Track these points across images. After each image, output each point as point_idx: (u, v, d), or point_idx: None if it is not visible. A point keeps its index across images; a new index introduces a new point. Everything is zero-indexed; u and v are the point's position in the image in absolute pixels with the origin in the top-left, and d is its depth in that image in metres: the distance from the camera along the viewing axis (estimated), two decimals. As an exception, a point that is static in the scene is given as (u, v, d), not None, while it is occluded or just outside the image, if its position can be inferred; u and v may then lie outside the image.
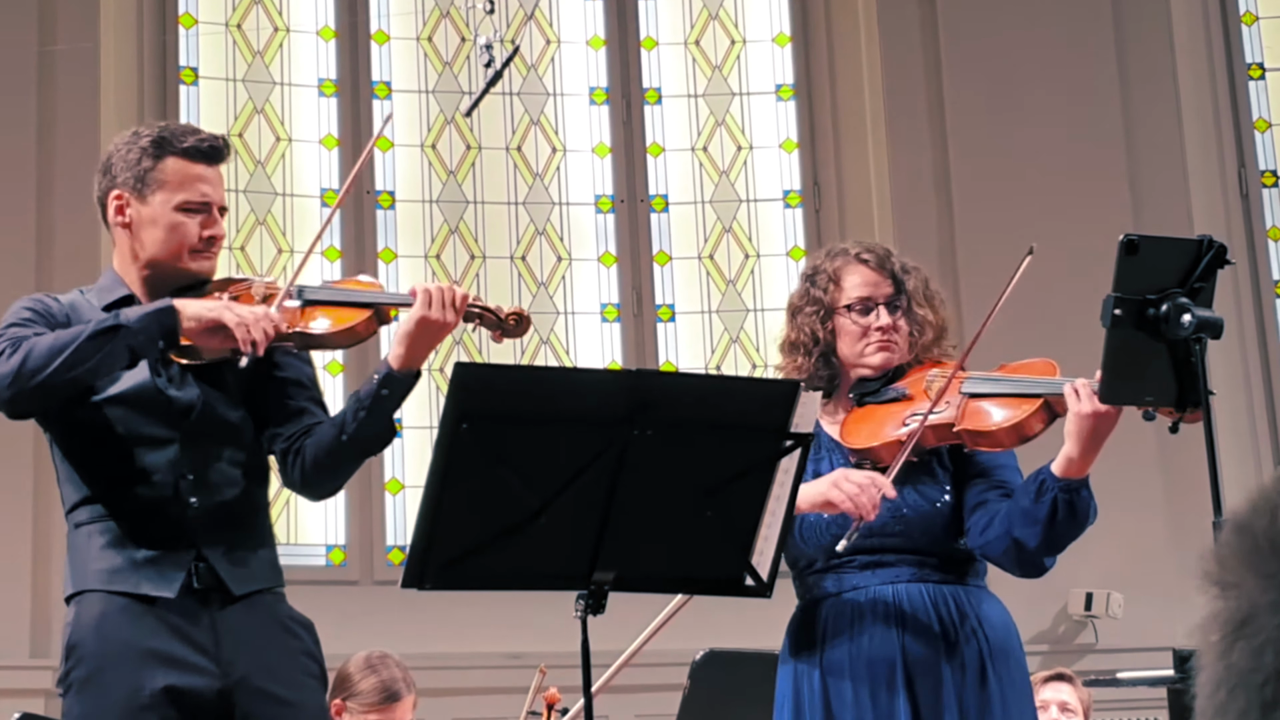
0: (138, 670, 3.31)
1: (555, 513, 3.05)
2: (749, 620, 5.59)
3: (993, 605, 3.65)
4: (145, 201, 3.48)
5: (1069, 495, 3.42)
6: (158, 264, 3.49)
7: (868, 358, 3.68)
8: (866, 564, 3.59)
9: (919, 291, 3.75)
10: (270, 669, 3.37)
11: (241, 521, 3.44)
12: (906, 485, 3.59)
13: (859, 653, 3.53)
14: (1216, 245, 3.39)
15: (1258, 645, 1.21)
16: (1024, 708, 3.58)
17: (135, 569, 3.36)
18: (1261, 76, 8.44)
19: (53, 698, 6.87)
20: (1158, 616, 6.96)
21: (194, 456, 3.41)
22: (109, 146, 3.63)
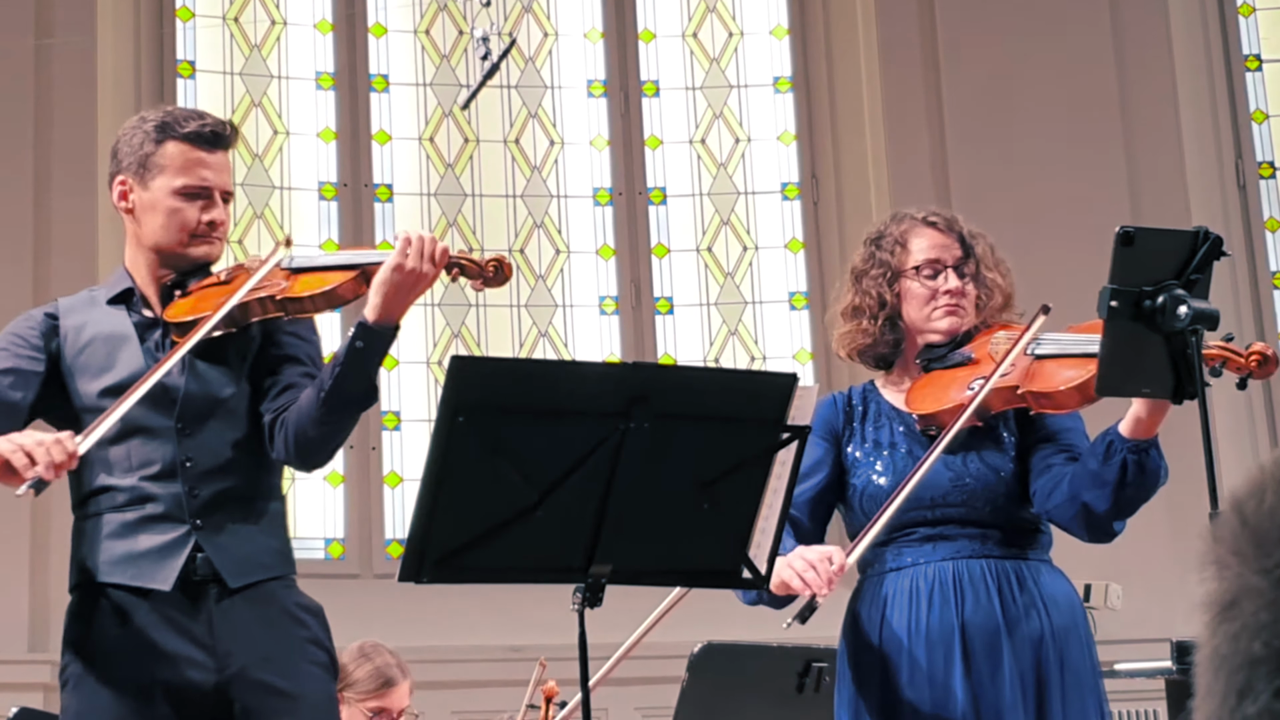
0: (133, 665, 3.31)
1: (553, 505, 3.05)
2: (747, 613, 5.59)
3: (1056, 580, 3.62)
4: (146, 186, 3.45)
5: (1138, 455, 3.38)
6: (160, 250, 3.47)
7: (935, 322, 3.63)
8: (928, 537, 3.55)
9: (987, 255, 3.70)
10: (270, 659, 3.36)
11: (244, 509, 3.42)
12: (971, 453, 3.55)
13: (918, 628, 3.50)
14: (1213, 237, 3.39)
15: (1236, 630, 1.21)
16: (1085, 685, 3.55)
17: (132, 561, 3.35)
18: (1259, 68, 8.43)
19: (51, 692, 6.88)
20: (1156, 608, 6.96)
21: (192, 444, 3.39)
22: (121, 130, 3.58)
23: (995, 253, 3.75)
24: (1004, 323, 3.68)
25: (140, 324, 3.48)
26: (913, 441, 3.61)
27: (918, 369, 3.68)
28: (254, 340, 3.49)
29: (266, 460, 3.48)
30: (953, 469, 3.50)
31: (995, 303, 3.69)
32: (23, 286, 7.25)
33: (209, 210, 3.46)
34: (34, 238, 7.33)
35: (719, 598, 3.75)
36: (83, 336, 3.47)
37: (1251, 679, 1.19)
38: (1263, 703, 1.18)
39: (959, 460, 3.54)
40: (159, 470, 3.39)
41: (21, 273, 7.27)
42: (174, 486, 3.38)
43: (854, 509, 3.63)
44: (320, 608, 3.53)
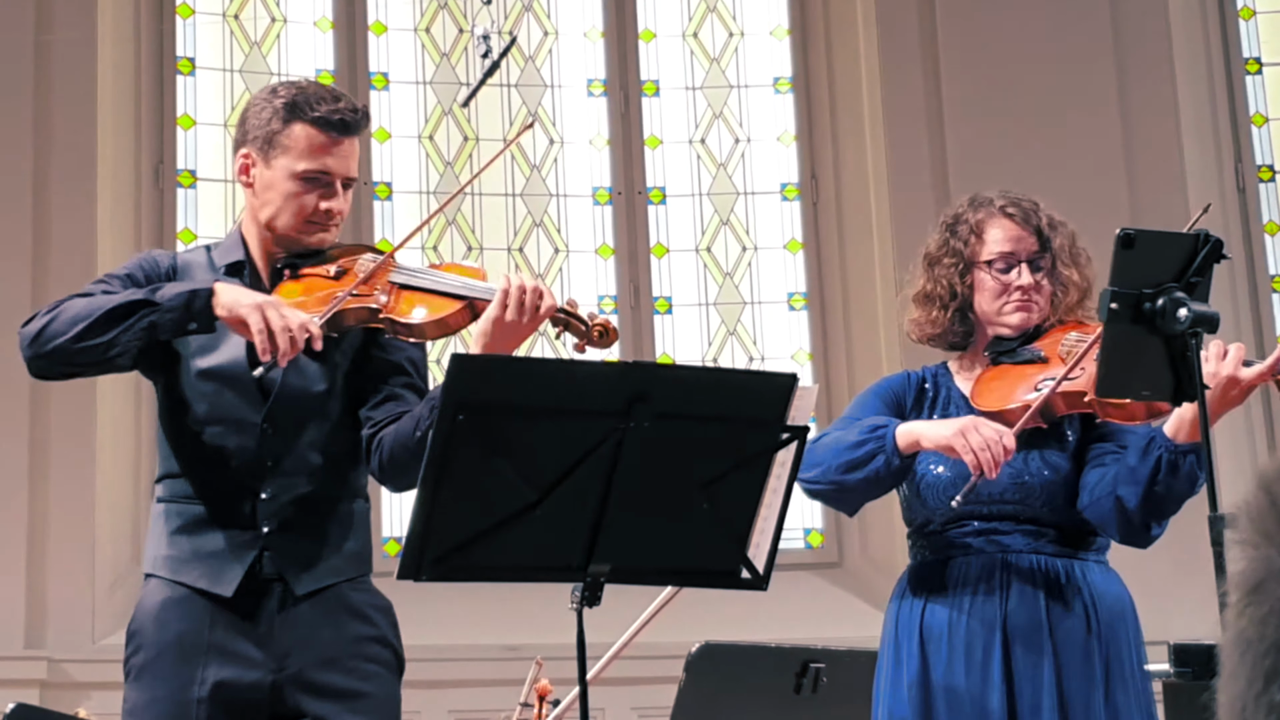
0: (192, 663, 3.31)
1: (552, 504, 3.04)
2: (745, 613, 5.60)
3: (1108, 580, 3.60)
4: (269, 164, 3.40)
5: (1174, 456, 3.38)
6: (274, 229, 3.43)
7: (1006, 316, 3.61)
8: (982, 530, 3.54)
9: (1065, 250, 3.67)
10: (331, 661, 3.34)
11: (322, 512, 3.38)
12: (1032, 450, 3.54)
13: (960, 616, 3.49)
14: (1213, 240, 3.39)
15: (1264, 613, 1.20)
16: (1130, 686, 3.54)
17: (199, 560, 3.34)
18: (1259, 71, 8.43)
19: (47, 688, 6.88)
20: (1154, 611, 6.95)
21: (277, 443, 3.36)
22: (251, 98, 3.52)
23: (1076, 243, 3.71)
24: (1078, 320, 3.65)
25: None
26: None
27: (986, 360, 3.65)
28: (357, 339, 3.44)
29: (352, 458, 3.43)
30: (1013, 465, 3.49)
31: (1070, 299, 3.66)
32: (21, 283, 7.24)
33: (328, 198, 3.41)
34: (33, 234, 7.32)
35: (716, 598, 3.75)
36: None
37: (1279, 664, 1.18)
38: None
39: (1020, 458, 3.52)
40: (240, 466, 3.36)
41: (20, 269, 7.27)
42: (249, 488, 3.35)
43: (912, 494, 3.62)
44: (389, 605, 3.50)
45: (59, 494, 7.14)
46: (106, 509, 7.27)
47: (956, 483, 3.49)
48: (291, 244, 3.44)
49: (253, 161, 3.43)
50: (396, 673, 3.48)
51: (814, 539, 7.89)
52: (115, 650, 7.12)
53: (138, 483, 7.43)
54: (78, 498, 7.16)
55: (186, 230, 7.79)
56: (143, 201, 7.73)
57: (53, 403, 7.18)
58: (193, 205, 7.85)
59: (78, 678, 7.00)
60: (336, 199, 3.43)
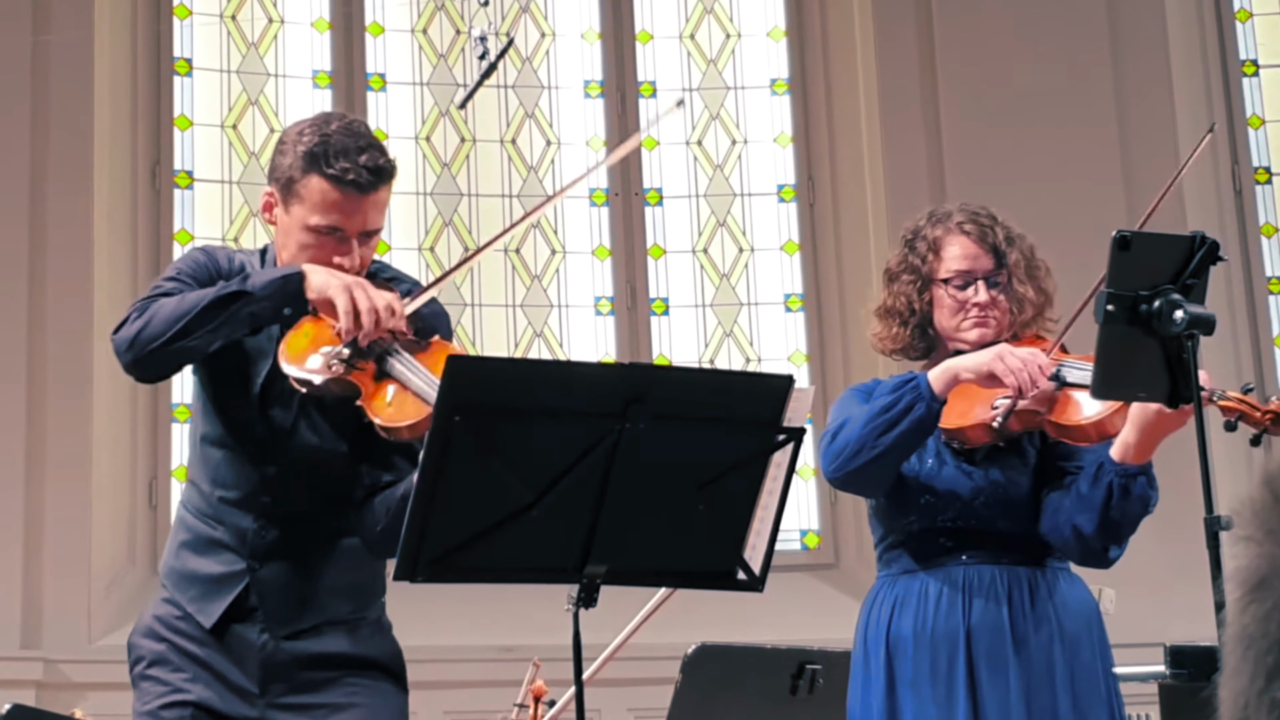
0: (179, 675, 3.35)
1: (548, 506, 3.04)
2: (741, 615, 5.59)
3: (1072, 587, 3.62)
4: (287, 210, 3.39)
5: (1125, 480, 3.40)
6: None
7: (964, 333, 3.63)
8: (944, 545, 3.56)
9: (1020, 266, 3.69)
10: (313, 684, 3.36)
11: (311, 550, 3.40)
12: (994, 467, 3.57)
13: (924, 627, 3.51)
14: (1209, 242, 3.39)
15: (1267, 610, 1.20)
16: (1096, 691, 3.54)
17: (194, 582, 3.39)
18: (1255, 73, 8.44)
19: (44, 689, 6.88)
20: (1150, 612, 6.96)
21: (279, 483, 3.37)
22: (286, 130, 3.49)
23: (1035, 256, 3.73)
24: (1036, 335, 3.67)
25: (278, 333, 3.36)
26: (939, 444, 3.62)
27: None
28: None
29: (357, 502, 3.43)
30: (974, 480, 3.52)
31: (1025, 316, 3.68)
32: (18, 283, 7.24)
33: (341, 252, 3.36)
34: (29, 235, 7.32)
35: (713, 599, 3.75)
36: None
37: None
38: None
39: (981, 473, 3.56)
40: (238, 497, 3.38)
41: (17, 269, 7.26)
42: (246, 519, 3.38)
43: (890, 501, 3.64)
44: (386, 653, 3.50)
45: (55, 494, 7.14)
46: (102, 509, 7.27)
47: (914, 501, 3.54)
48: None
49: (275, 200, 3.43)
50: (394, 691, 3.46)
51: (810, 540, 7.89)
52: (111, 651, 7.13)
53: (134, 484, 7.43)
54: (74, 498, 7.16)
55: (183, 231, 7.79)
56: (139, 202, 7.73)
57: (49, 403, 7.18)
58: (189, 206, 7.85)
59: (74, 678, 6.99)
60: (351, 254, 3.38)
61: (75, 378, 7.17)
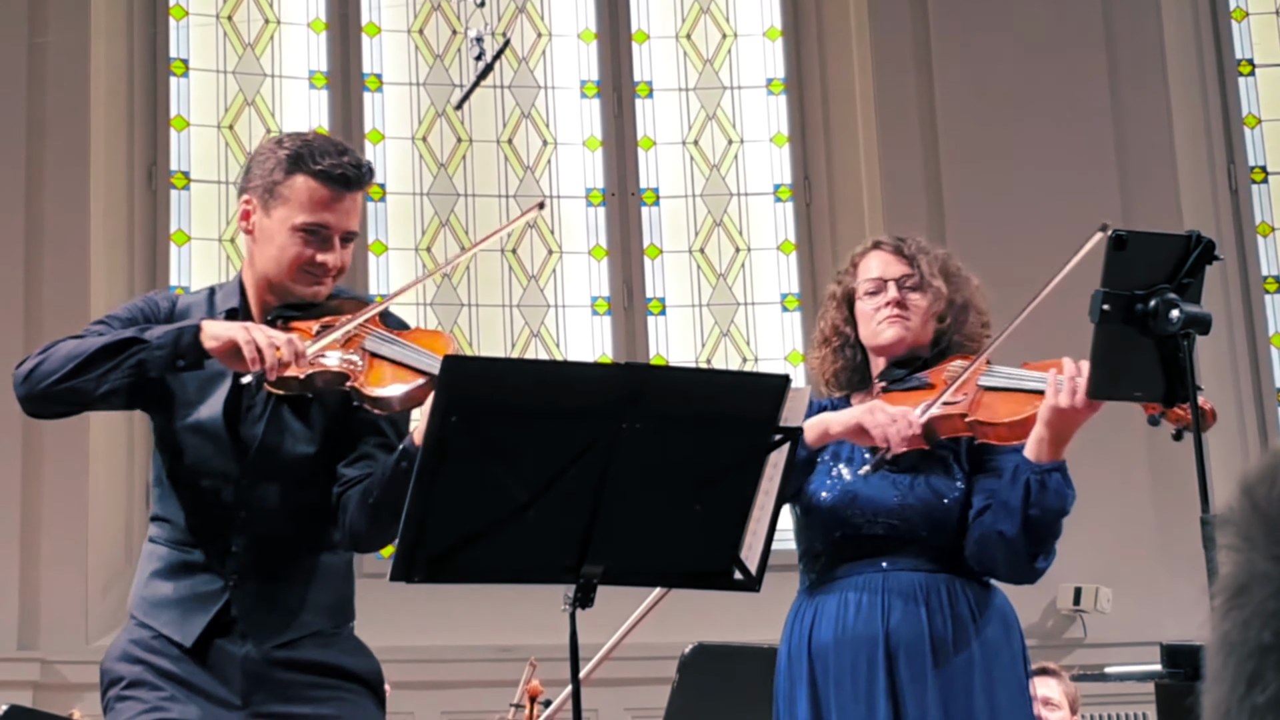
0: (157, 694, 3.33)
1: (544, 506, 3.04)
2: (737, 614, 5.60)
3: (991, 596, 3.64)
4: (268, 214, 3.38)
5: (1040, 476, 3.43)
6: (269, 278, 3.41)
7: (881, 334, 3.69)
8: (866, 552, 3.59)
9: (933, 267, 3.74)
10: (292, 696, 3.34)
11: (293, 565, 3.39)
12: (920, 475, 3.60)
13: (844, 634, 3.55)
14: (1205, 241, 3.39)
15: (1246, 616, 1.21)
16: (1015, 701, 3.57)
17: (168, 606, 3.37)
18: (1251, 72, 8.45)
19: (41, 690, 6.88)
20: (1146, 611, 6.97)
21: (251, 497, 3.36)
22: (258, 146, 3.53)
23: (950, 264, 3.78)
24: (968, 353, 3.72)
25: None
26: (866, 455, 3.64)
27: (880, 389, 3.73)
28: (337, 396, 3.40)
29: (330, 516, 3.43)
30: (899, 488, 3.57)
31: (938, 308, 3.72)
32: (14, 286, 7.25)
33: (324, 251, 3.37)
34: (26, 235, 7.32)
35: (709, 599, 3.75)
36: None
37: (1261, 667, 1.19)
38: (1271, 692, 1.17)
39: (906, 480, 3.59)
40: (210, 519, 3.38)
41: (13, 272, 7.27)
42: (221, 538, 3.37)
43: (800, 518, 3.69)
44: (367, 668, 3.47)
45: (52, 496, 7.14)
46: (100, 511, 7.27)
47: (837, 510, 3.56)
48: (286, 294, 3.41)
49: (254, 208, 3.42)
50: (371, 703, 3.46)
51: (807, 540, 7.90)
52: (108, 652, 7.13)
53: (131, 485, 7.43)
54: (71, 500, 7.16)
55: (179, 232, 7.80)
56: (136, 203, 7.73)
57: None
58: (185, 207, 7.85)
59: (71, 679, 7.00)
60: (333, 253, 3.38)
61: (72, 378, 7.17)
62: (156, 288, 7.65)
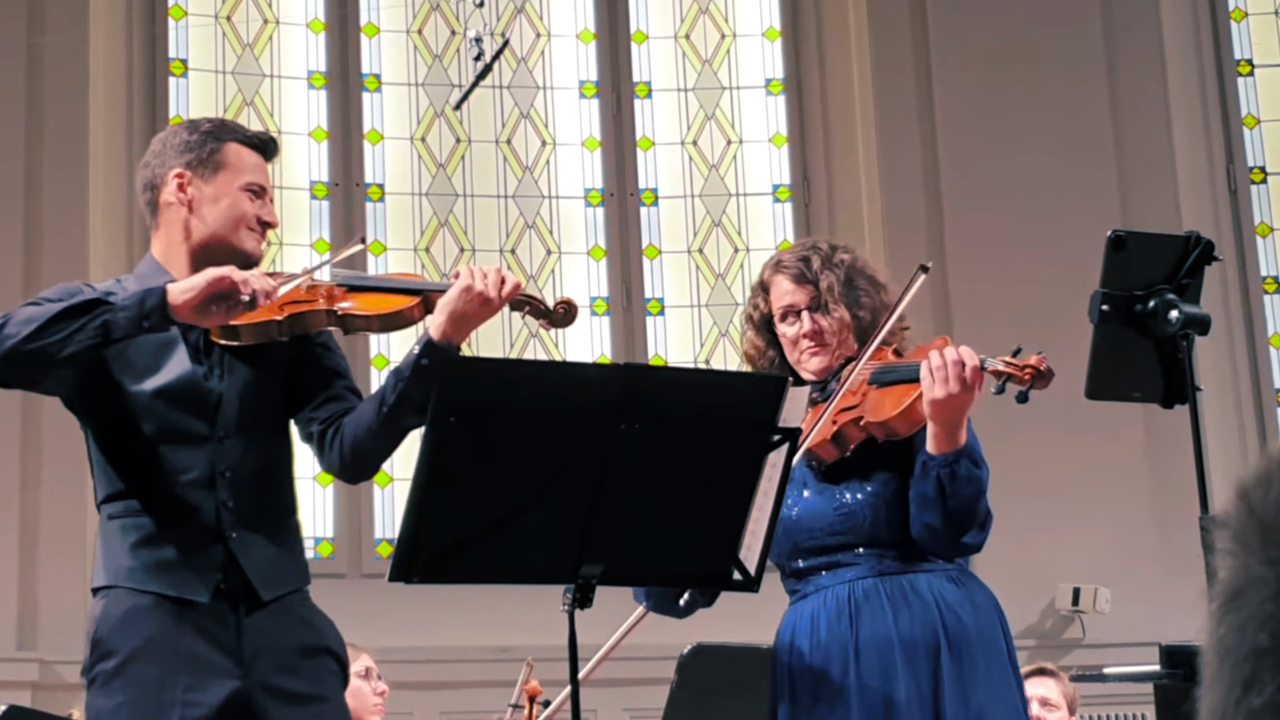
0: (164, 667, 3.31)
1: (543, 506, 3.05)
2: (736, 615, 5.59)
3: (958, 589, 3.63)
4: (208, 181, 3.50)
5: (949, 469, 3.44)
6: (213, 240, 3.46)
7: (805, 365, 3.72)
8: (828, 564, 3.61)
9: (833, 290, 3.74)
10: (291, 668, 3.37)
11: (273, 522, 3.41)
12: (851, 481, 3.61)
13: (817, 645, 3.57)
14: (1204, 241, 3.40)
15: (1242, 620, 1.21)
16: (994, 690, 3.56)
17: (166, 569, 3.35)
18: (1250, 73, 8.45)
19: (40, 690, 6.87)
20: (1145, 611, 6.97)
21: (229, 453, 3.38)
22: (156, 138, 3.71)
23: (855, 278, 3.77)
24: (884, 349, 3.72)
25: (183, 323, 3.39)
26: (807, 474, 3.66)
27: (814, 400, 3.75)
28: (287, 350, 3.48)
29: (291, 473, 3.51)
30: (839, 497, 3.57)
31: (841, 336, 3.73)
32: (13, 284, 7.24)
33: (265, 210, 3.52)
34: (25, 235, 7.32)
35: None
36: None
37: (1257, 670, 1.19)
38: (1268, 695, 1.18)
39: (839, 490, 3.60)
40: (195, 478, 3.38)
41: (12, 270, 7.26)
42: (210, 496, 3.37)
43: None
44: (328, 618, 3.53)
45: (51, 495, 7.14)
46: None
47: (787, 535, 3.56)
48: (224, 256, 3.43)
49: (188, 179, 3.51)
50: (342, 681, 3.50)
51: (806, 540, 7.90)
52: (107, 652, 7.12)
53: (129, 484, 7.43)
54: (70, 499, 7.15)
55: (178, 232, 7.79)
56: (135, 203, 7.73)
57: (44, 404, 7.17)
58: (185, 207, 7.85)
59: (70, 679, 6.98)
60: (272, 212, 3.55)
61: (70, 379, 7.17)
62: (155, 288, 7.67)
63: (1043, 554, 7.08)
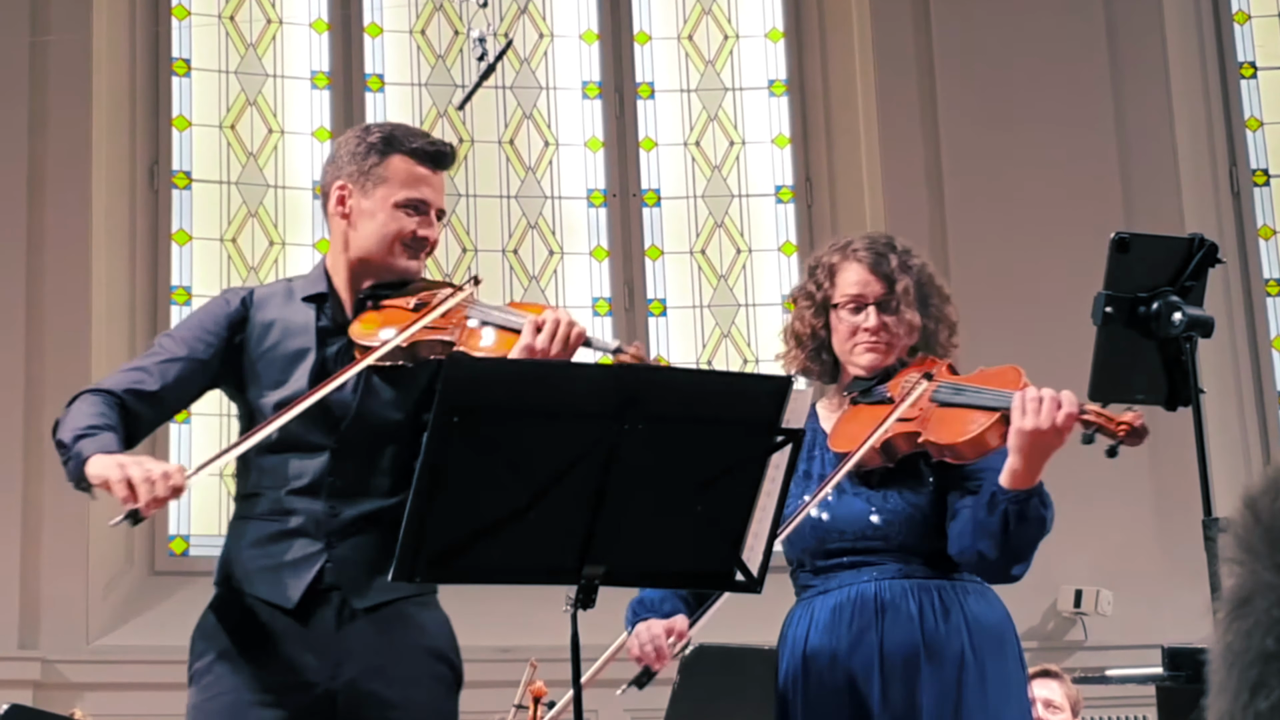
0: (250, 668, 3.38)
1: (546, 507, 3.05)
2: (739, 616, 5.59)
3: (981, 601, 3.63)
4: (367, 195, 3.53)
5: (1019, 506, 3.41)
6: (367, 258, 3.53)
7: (856, 358, 3.69)
8: (853, 563, 3.59)
9: (909, 293, 3.72)
10: (381, 671, 3.40)
11: (384, 530, 3.41)
12: (891, 489, 3.59)
13: (838, 644, 3.55)
14: (1208, 244, 3.40)
15: (1250, 626, 1.22)
16: (1009, 706, 3.57)
17: (266, 572, 3.42)
18: (1253, 75, 8.44)
19: (41, 689, 6.88)
20: (1147, 614, 6.97)
21: (345, 464, 3.44)
22: (340, 139, 3.71)
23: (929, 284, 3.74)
24: (933, 358, 3.70)
25: (325, 329, 3.51)
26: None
27: (847, 400, 3.72)
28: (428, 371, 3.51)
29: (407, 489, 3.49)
30: (873, 504, 3.56)
31: (908, 341, 3.71)
32: (15, 285, 7.24)
33: (424, 226, 3.53)
34: (27, 235, 7.32)
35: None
36: (267, 339, 3.52)
37: (1265, 675, 1.20)
38: (1275, 698, 1.19)
39: (879, 496, 3.59)
40: (304, 485, 3.44)
41: (14, 271, 7.26)
42: (316, 504, 3.43)
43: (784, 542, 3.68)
44: (447, 619, 3.59)
45: (53, 495, 7.13)
46: (101, 510, 7.26)
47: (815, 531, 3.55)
48: (383, 272, 3.53)
49: (349, 193, 3.55)
50: (452, 687, 3.52)
51: (808, 542, 7.89)
52: (109, 651, 7.14)
53: (132, 484, 7.43)
54: (72, 499, 7.13)
55: (181, 231, 7.80)
56: (137, 202, 7.73)
57: (47, 403, 7.17)
58: (187, 206, 7.85)
59: (72, 678, 6.99)
60: (432, 228, 3.56)
61: (72, 378, 7.14)
62: (157, 288, 7.67)
63: (1045, 556, 7.06)
